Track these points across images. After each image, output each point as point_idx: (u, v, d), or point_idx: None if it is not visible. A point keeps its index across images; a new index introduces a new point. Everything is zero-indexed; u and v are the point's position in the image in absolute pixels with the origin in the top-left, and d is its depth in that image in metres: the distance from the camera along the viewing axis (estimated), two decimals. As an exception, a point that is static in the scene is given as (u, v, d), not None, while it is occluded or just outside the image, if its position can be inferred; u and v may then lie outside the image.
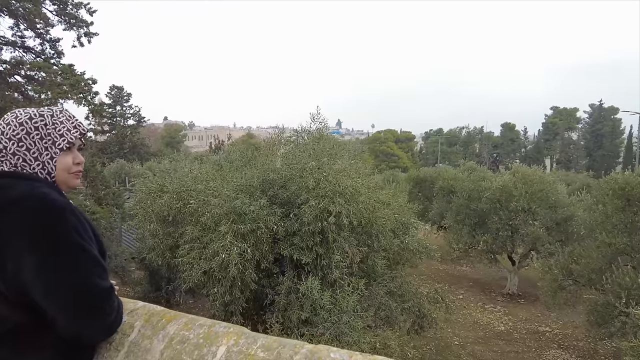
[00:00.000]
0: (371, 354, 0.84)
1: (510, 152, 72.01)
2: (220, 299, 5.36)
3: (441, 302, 8.22)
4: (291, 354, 0.85)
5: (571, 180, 23.37)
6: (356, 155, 6.83)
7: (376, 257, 6.44)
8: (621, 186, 7.93)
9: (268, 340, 0.92)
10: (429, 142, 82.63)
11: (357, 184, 5.54)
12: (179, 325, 1.04)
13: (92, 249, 1.17)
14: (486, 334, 10.78)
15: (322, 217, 5.29)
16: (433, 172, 19.92)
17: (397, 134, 74.38)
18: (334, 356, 0.83)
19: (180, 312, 1.14)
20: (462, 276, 16.34)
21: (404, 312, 7.33)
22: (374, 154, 66.91)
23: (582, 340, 10.07)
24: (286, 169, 5.84)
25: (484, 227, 13.62)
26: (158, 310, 1.18)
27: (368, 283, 6.59)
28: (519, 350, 9.76)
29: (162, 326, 1.05)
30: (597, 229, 8.53)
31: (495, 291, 14.46)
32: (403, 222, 7.48)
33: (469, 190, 13.99)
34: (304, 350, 0.86)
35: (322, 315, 5.37)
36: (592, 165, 61.80)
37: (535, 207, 12.81)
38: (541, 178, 13.36)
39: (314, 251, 5.41)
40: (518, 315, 12.10)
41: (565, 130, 69.32)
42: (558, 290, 9.06)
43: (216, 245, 5.13)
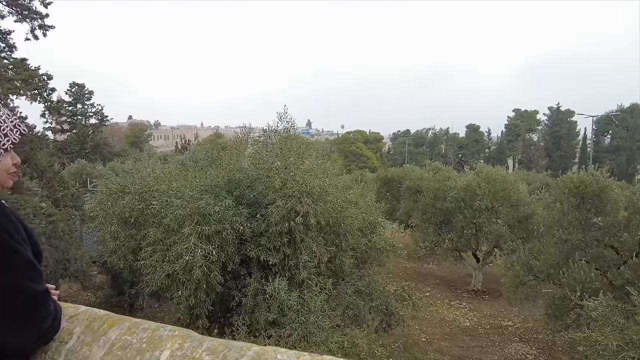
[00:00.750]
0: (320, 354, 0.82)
1: (475, 152, 74.24)
2: (184, 302, 5.22)
3: (408, 299, 8.34)
4: (237, 356, 0.82)
5: (532, 179, 24.32)
6: (324, 155, 6.83)
7: (344, 257, 6.45)
8: (576, 185, 8.30)
9: (214, 344, 0.88)
10: (397, 143, 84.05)
11: (325, 183, 5.54)
12: (122, 330, 0.98)
13: (24, 251, 1.09)
14: (452, 330, 11.04)
15: (290, 217, 5.25)
16: (400, 172, 20.24)
17: (366, 135, 75.20)
18: (281, 357, 0.80)
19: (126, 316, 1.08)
20: (428, 274, 16.69)
21: (371, 310, 7.38)
22: (343, 154, 67.41)
23: (541, 332, 10.49)
24: (253, 169, 5.77)
25: (450, 225, 13.96)
26: (100, 315, 1.11)
27: (336, 282, 6.61)
28: (483, 345, 10.05)
29: (103, 331, 0.99)
30: (555, 226, 8.90)
31: (461, 288, 14.85)
32: (371, 221, 7.53)
33: (435, 190, 14.30)
34: (250, 353, 0.83)
35: (290, 316, 5.32)
36: (551, 165, 64.61)
37: (498, 205, 13.24)
38: (503, 177, 13.82)
39: (281, 252, 5.36)
40: (482, 311, 12.46)
41: (527, 132, 72.18)
42: (519, 286, 9.39)
43: (180, 247, 5.00)
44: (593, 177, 8.09)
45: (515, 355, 9.52)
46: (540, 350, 9.74)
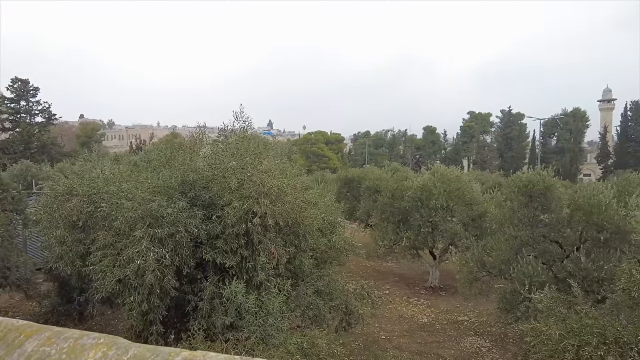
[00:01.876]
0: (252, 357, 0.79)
1: (432, 153, 76.52)
2: (137, 308, 5.01)
3: (367, 298, 8.44)
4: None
5: (485, 179, 25.36)
6: (283, 155, 6.78)
7: (303, 257, 6.43)
8: (525, 184, 8.72)
9: (141, 350, 0.83)
10: (358, 144, 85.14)
11: (284, 184, 5.49)
12: (40, 341, 0.90)
13: None
14: (411, 326, 11.29)
15: (247, 218, 5.16)
16: (360, 173, 20.50)
17: (328, 136, 75.64)
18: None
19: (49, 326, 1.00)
20: (387, 272, 17.00)
21: (331, 310, 7.40)
22: (305, 155, 67.44)
23: (494, 326, 10.93)
24: (208, 170, 5.63)
25: (407, 224, 14.28)
26: (18, 325, 1.02)
27: (295, 283, 6.57)
28: (440, 340, 10.34)
29: (19, 343, 0.91)
30: (506, 224, 9.31)
31: (419, 285, 15.23)
32: (330, 221, 7.56)
33: (393, 190, 14.60)
34: (178, 358, 0.79)
35: (248, 319, 5.24)
36: (503, 166, 67.71)
37: (453, 204, 13.70)
38: (458, 177, 14.31)
39: (238, 254, 5.26)
40: (439, 307, 12.83)
41: (481, 134, 75.28)
42: (474, 282, 9.74)
43: (131, 251, 4.79)
44: (540, 176, 8.53)
45: (470, 348, 9.86)
46: (494, 342, 10.15)
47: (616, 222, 7.67)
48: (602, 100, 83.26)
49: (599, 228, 7.86)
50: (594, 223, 7.94)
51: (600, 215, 7.82)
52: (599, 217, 7.86)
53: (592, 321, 4.53)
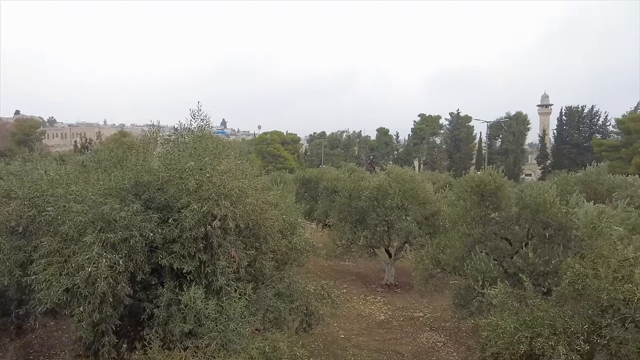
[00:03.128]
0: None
1: (385, 154, 78.42)
2: (87, 319, 4.69)
3: (327, 298, 8.44)
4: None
5: (435, 179, 26.32)
6: (243, 156, 6.62)
7: (264, 259, 6.31)
8: (477, 184, 9.08)
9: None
10: (313, 144, 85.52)
11: (244, 185, 5.35)
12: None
13: None
14: (369, 324, 11.44)
15: (206, 221, 4.98)
16: (318, 173, 20.57)
17: (284, 136, 75.35)
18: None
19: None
20: (345, 271, 17.16)
21: (292, 312, 7.33)
22: (260, 155, 66.78)
23: (448, 321, 11.32)
24: (164, 170, 5.37)
25: (364, 223, 14.50)
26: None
27: (256, 286, 6.44)
28: (397, 337, 10.56)
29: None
30: (459, 222, 9.65)
31: (375, 283, 15.50)
32: (291, 222, 7.48)
33: (350, 190, 14.77)
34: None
35: (208, 325, 5.05)
36: (452, 166, 70.66)
37: (408, 204, 14.05)
38: (412, 177, 14.73)
39: (196, 258, 5.06)
40: (396, 304, 13.11)
41: (431, 136, 78.08)
42: (429, 279, 10.03)
43: (81, 258, 4.47)
44: (491, 177, 8.92)
45: (426, 344, 10.14)
46: (448, 337, 10.50)
47: (559, 219, 8.18)
48: (540, 105, 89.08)
49: (545, 225, 8.34)
50: (540, 220, 8.41)
51: (545, 213, 8.30)
52: (544, 214, 8.34)
53: (543, 313, 4.79)
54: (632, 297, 4.26)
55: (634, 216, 8.12)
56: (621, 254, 5.03)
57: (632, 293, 4.29)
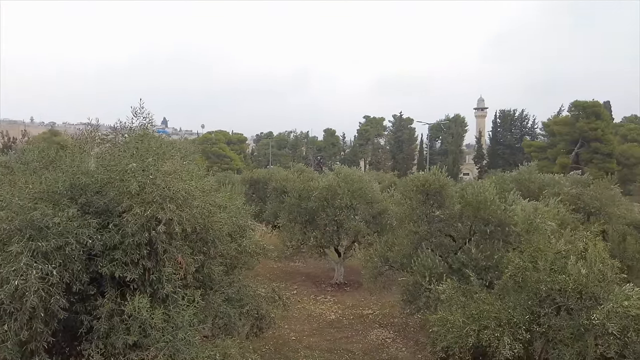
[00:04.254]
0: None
1: (332, 154, 79.39)
2: (13, 338, 4.23)
3: (278, 300, 8.33)
4: None
5: (381, 179, 26.97)
6: (188, 156, 6.33)
7: (213, 264, 6.08)
8: (422, 183, 9.39)
9: None
10: (260, 145, 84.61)
11: (191, 187, 5.10)
12: None
13: None
14: (320, 324, 11.45)
15: (150, 226, 4.68)
16: (266, 174, 20.32)
17: (229, 136, 73.88)
18: None
19: None
20: (295, 272, 17.10)
21: (242, 316, 7.15)
22: (205, 155, 64.95)
23: (397, 317, 11.61)
24: (103, 172, 4.99)
25: (314, 223, 14.53)
26: None
27: (205, 292, 6.18)
28: (348, 335, 10.65)
29: None
30: (406, 220, 9.92)
31: (325, 282, 15.58)
32: (240, 224, 7.29)
33: (300, 190, 14.73)
34: None
35: (154, 335, 4.76)
36: (396, 166, 73.01)
37: (356, 203, 14.27)
38: (360, 177, 14.99)
39: (140, 266, 4.75)
40: (346, 303, 13.24)
41: (375, 137, 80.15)
42: (378, 276, 10.23)
43: (5, 270, 4.02)
44: (435, 176, 9.25)
45: (376, 340, 10.33)
46: (397, 333, 10.77)
47: (499, 216, 8.64)
48: (477, 108, 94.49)
49: (485, 222, 8.78)
50: (481, 217, 8.84)
51: (486, 210, 8.74)
52: (485, 212, 8.77)
53: (489, 307, 5.02)
54: (566, 287, 4.58)
55: (562, 212, 8.77)
56: (555, 247, 5.39)
57: (565, 283, 4.61)
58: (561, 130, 54.10)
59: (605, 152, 50.61)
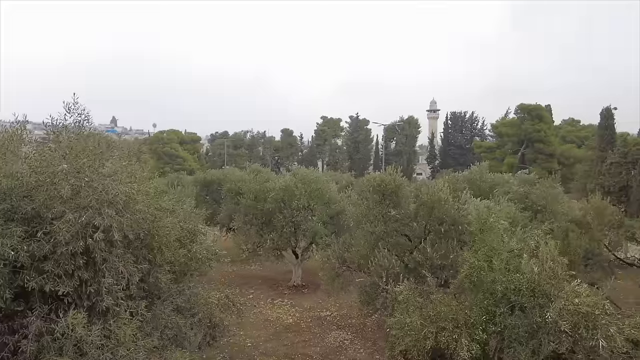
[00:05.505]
0: None
1: (290, 155, 78.93)
2: None
3: (233, 307, 7.99)
4: None
5: (338, 179, 27.01)
6: (132, 156, 5.88)
7: (159, 272, 5.66)
8: (378, 183, 9.37)
9: None
10: (215, 144, 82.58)
11: (133, 189, 4.70)
12: None
13: None
14: (277, 329, 11.17)
15: (86, 233, 4.25)
16: (220, 175, 19.70)
17: (182, 135, 71.53)
18: None
19: None
20: (251, 275, 16.68)
21: (193, 326, 6.76)
22: (156, 155, 62.53)
23: (354, 318, 11.56)
24: (30, 174, 4.48)
25: (271, 225, 14.21)
26: None
27: (151, 303, 5.77)
28: (306, 339, 10.45)
29: None
30: (363, 220, 9.86)
31: (283, 285, 15.29)
32: (190, 229, 6.89)
33: (256, 191, 14.36)
34: None
35: (92, 354, 4.33)
36: (353, 167, 73.72)
37: (314, 204, 14.11)
38: (317, 178, 14.84)
39: (76, 277, 4.30)
40: (303, 305, 13.03)
41: (332, 137, 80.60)
42: (336, 277, 10.11)
43: None
44: (391, 176, 9.26)
45: (334, 343, 10.20)
46: (355, 334, 10.70)
47: (453, 215, 8.79)
48: (429, 110, 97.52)
49: (440, 221, 8.90)
50: (436, 217, 8.96)
51: (440, 209, 8.86)
52: (439, 211, 8.89)
53: (446, 308, 5.00)
54: (521, 286, 4.64)
55: (513, 210, 9.02)
56: (508, 246, 5.46)
57: (520, 282, 4.66)
58: (508, 131, 56.86)
59: (547, 153, 53.77)
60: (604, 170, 31.75)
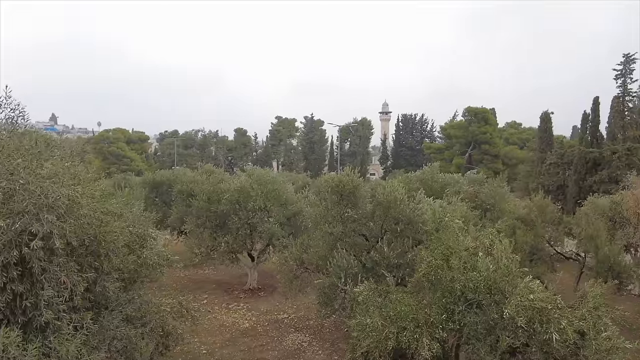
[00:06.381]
0: None
1: (244, 155, 77.68)
2: None
3: (186, 314, 7.66)
4: None
5: (294, 180, 26.89)
6: (75, 156, 5.44)
7: (107, 281, 5.28)
8: (336, 184, 9.34)
9: None
10: (165, 144, 79.67)
11: (76, 192, 4.32)
12: None
13: None
14: (232, 334, 10.85)
15: (22, 241, 3.85)
16: (171, 175, 18.92)
17: (129, 134, 68.42)
18: None
19: None
20: (205, 280, 16.15)
21: (145, 336, 6.38)
22: (101, 155, 59.41)
23: (312, 319, 11.47)
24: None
25: (225, 228, 13.79)
26: None
27: (98, 314, 5.37)
28: (263, 343, 10.23)
29: None
30: (321, 221, 9.80)
31: (238, 289, 14.92)
32: (139, 233, 6.51)
33: (209, 193, 13.89)
34: None
35: (28, 375, 3.93)
36: (308, 167, 73.83)
37: (270, 205, 13.86)
38: (273, 179, 14.61)
39: (8, 290, 3.88)
40: (260, 309, 12.77)
41: (287, 138, 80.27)
42: (294, 279, 9.96)
43: None
44: (349, 177, 9.26)
45: (292, 346, 10.06)
46: (313, 335, 10.61)
47: (408, 215, 8.93)
48: (382, 112, 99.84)
49: (396, 220, 9.00)
50: (392, 216, 9.06)
51: (396, 209, 8.97)
52: (395, 211, 9.00)
53: (407, 308, 5.02)
54: (478, 284, 4.75)
55: (465, 209, 9.32)
56: (464, 245, 5.59)
57: (477, 280, 4.77)
58: (456, 133, 59.36)
59: (493, 154, 56.72)
60: (543, 171, 33.93)
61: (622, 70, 36.53)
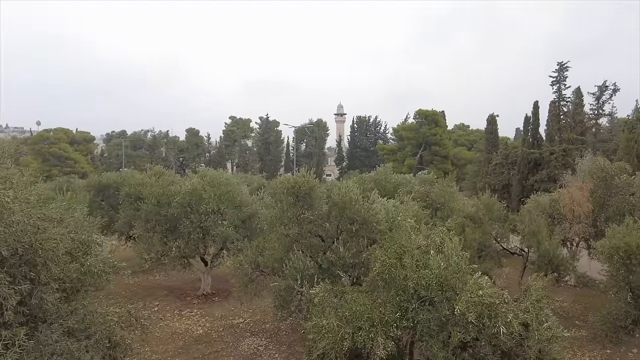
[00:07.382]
0: None
1: (196, 156, 75.60)
2: None
3: (135, 323, 7.30)
4: None
5: (250, 181, 26.52)
6: (6, 157, 5.03)
7: (45, 292, 4.91)
8: (292, 185, 9.29)
9: None
10: (112, 145, 76.04)
11: (7, 197, 3.98)
12: None
13: None
14: (186, 341, 10.50)
15: (-57, 251, 3.48)
16: (118, 178, 18.02)
17: (73, 134, 64.68)
18: None
19: None
20: (155, 286, 15.53)
21: (89, 349, 6.01)
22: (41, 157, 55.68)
23: (268, 322, 11.33)
24: None
25: (176, 232, 13.33)
26: None
27: (34, 328, 4.97)
28: (218, 349, 9.97)
29: None
30: (276, 223, 9.70)
31: (191, 295, 14.47)
32: (83, 240, 6.11)
33: (158, 196, 13.36)
34: None
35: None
36: (264, 168, 73.20)
37: (224, 207, 13.55)
38: (227, 180, 14.30)
39: None
40: (214, 314, 12.45)
41: (242, 138, 79.08)
42: (249, 283, 9.79)
43: None
44: (304, 178, 9.24)
45: (248, 350, 9.88)
46: (269, 339, 10.48)
47: (363, 215, 9.03)
48: (337, 114, 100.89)
49: (351, 220, 9.08)
50: (347, 217, 9.13)
51: (351, 209, 9.05)
52: (350, 211, 9.08)
53: (362, 307, 5.06)
54: (430, 282, 4.87)
55: (416, 208, 9.56)
56: (416, 243, 5.72)
57: (429, 278, 4.89)
58: (408, 135, 61.12)
59: (442, 155, 58.93)
60: (489, 171, 35.69)
61: (557, 77, 39.15)
